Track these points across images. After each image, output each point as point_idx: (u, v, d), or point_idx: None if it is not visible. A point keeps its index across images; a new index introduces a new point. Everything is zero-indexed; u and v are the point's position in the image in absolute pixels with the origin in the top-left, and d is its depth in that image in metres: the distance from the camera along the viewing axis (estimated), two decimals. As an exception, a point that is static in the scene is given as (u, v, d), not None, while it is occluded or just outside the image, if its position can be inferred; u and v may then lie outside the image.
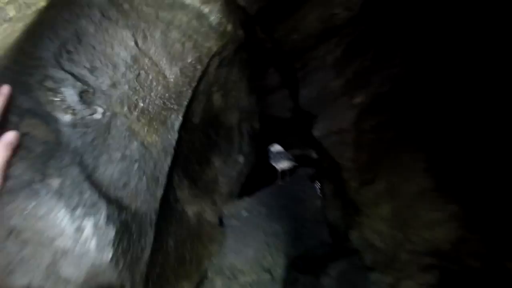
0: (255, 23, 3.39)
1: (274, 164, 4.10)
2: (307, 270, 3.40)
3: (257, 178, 4.47)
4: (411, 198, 2.88)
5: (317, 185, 4.50)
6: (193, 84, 2.23)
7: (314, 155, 4.70)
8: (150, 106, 1.98)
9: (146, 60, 2.00)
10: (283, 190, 4.07)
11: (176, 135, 2.07)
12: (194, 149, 2.51)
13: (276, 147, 4.19)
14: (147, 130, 1.92)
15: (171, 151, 2.04)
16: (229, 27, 2.62)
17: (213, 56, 2.49)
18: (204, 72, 2.39)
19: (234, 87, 3.11)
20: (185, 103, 2.17)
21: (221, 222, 3.62)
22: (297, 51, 3.99)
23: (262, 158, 4.77)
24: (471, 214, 2.68)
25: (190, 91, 2.19)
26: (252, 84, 3.74)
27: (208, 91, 2.64)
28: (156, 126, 1.98)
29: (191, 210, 2.69)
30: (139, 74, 1.98)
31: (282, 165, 4.05)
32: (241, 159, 3.35)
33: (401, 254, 3.09)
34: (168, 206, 2.23)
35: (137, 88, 1.94)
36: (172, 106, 2.08)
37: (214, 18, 2.43)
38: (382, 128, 3.12)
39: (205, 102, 2.56)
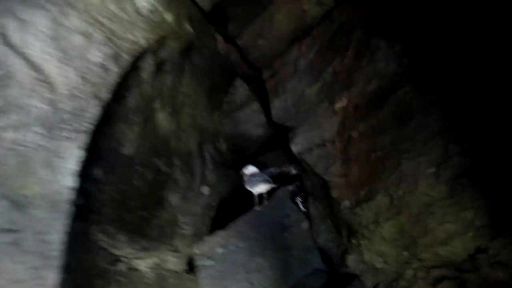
0: (211, 24, 2.87)
1: (249, 189, 3.52)
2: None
3: (230, 207, 3.90)
4: (419, 211, 2.43)
5: (301, 203, 4.03)
6: (104, 96, 1.60)
7: (293, 171, 4.21)
8: (23, 136, 1.32)
9: (19, 61, 1.32)
10: (262, 217, 3.54)
11: (71, 178, 1.42)
12: (131, 191, 1.89)
13: (250, 169, 3.62)
14: (20, 177, 1.29)
15: (65, 207, 1.40)
16: (169, 18, 2.04)
17: (143, 54, 1.90)
18: (130, 79, 1.81)
19: (187, 103, 2.53)
20: (90, 126, 1.52)
21: (191, 267, 3.00)
22: (266, 58, 3.56)
23: (233, 184, 4.27)
24: (490, 220, 2.29)
25: (98, 108, 1.54)
26: (214, 98, 3.19)
27: (146, 109, 2.04)
28: (34, 170, 1.34)
29: (143, 265, 2.07)
30: (3, 84, 1.29)
31: (259, 188, 3.49)
32: (205, 190, 2.76)
33: (406, 271, 2.67)
34: (97, 271, 1.62)
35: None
36: (64, 134, 1.42)
37: (145, 3, 1.82)
38: (375, 132, 2.70)
39: (142, 124, 1.96)
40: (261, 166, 3.99)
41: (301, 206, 3.81)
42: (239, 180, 3.96)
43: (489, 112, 2.32)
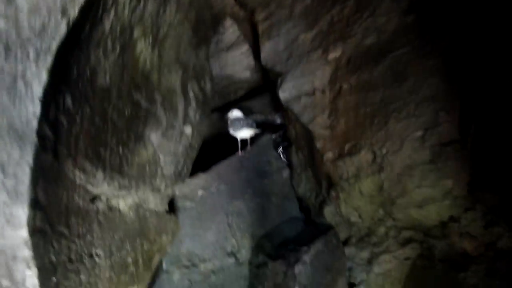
0: None
1: (233, 133, 3.47)
2: (277, 255, 2.96)
3: (213, 151, 3.87)
4: (400, 172, 2.48)
5: (282, 153, 4.05)
6: (73, 13, 1.37)
7: (279, 120, 4.16)
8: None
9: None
10: (244, 163, 3.51)
11: (38, 106, 1.28)
12: (107, 125, 1.78)
13: (235, 113, 3.54)
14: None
15: (32, 138, 1.28)
16: None
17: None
18: None
19: (171, 34, 2.34)
20: (58, 47, 1.33)
21: (171, 208, 3.02)
22: (260, -3, 3.29)
23: (217, 128, 4.18)
24: (467, 191, 2.37)
25: (66, 26, 1.35)
26: (201, 34, 2.98)
27: (124, 36, 1.85)
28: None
29: (123, 204, 2.04)
30: None
31: (243, 133, 3.44)
32: (188, 130, 2.66)
33: (378, 228, 2.78)
34: (74, 209, 1.56)
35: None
36: (28, 56, 1.25)
37: None
38: (366, 87, 2.64)
39: (119, 52, 1.80)
40: (246, 112, 3.92)
41: (282, 157, 3.84)
42: (223, 124, 3.91)
43: (485, 86, 2.30)
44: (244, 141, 3.51)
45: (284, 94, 3.06)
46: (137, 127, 2.07)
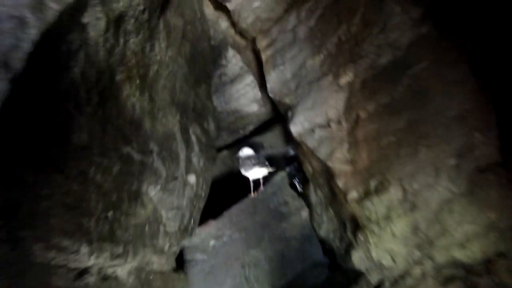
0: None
1: (244, 173, 3.16)
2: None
3: (224, 191, 3.56)
4: (437, 209, 2.11)
5: (298, 184, 3.70)
6: (19, 65, 1.10)
7: (292, 151, 3.84)
8: None
9: None
10: (259, 205, 3.21)
11: None
12: (89, 190, 1.48)
13: (245, 151, 3.24)
14: None
15: None
16: None
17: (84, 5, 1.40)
18: (70, 40, 1.37)
19: (163, 74, 2.08)
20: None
21: (180, 262, 2.70)
22: (262, 24, 3.07)
23: (227, 168, 3.90)
24: None
25: (7, 83, 1.06)
26: (199, 69, 2.74)
27: (102, 82, 1.58)
28: None
29: (121, 271, 1.72)
30: None
31: (254, 172, 3.13)
32: (192, 179, 2.36)
33: (414, 269, 2.42)
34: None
35: None
36: None
37: None
38: (387, 113, 2.31)
39: (97, 102, 1.52)
40: (257, 148, 3.64)
41: (298, 187, 3.54)
42: (234, 162, 3.63)
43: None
44: (257, 181, 3.18)
45: (296, 128, 2.73)
46: (131, 185, 1.77)
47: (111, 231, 1.62)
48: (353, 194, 2.50)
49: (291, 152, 3.99)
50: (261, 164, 3.10)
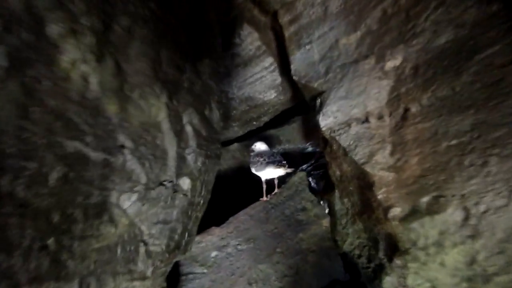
0: None
1: (256, 173, 2.64)
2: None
3: (231, 191, 3.08)
4: (504, 238, 1.77)
5: (314, 182, 3.19)
6: None
7: (310, 148, 3.43)
8: None
9: None
10: (272, 211, 2.77)
11: None
12: (12, 212, 0.95)
13: (258, 146, 2.72)
14: None
15: None
16: None
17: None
18: None
19: (139, 30, 1.45)
20: None
21: (175, 278, 2.25)
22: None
23: (238, 159, 3.40)
24: None
25: None
26: (202, 41, 2.16)
27: (18, 31, 1.00)
28: None
29: None
30: None
31: (268, 172, 2.63)
32: (185, 183, 1.77)
33: None
34: None
35: None
36: None
37: None
38: (447, 109, 1.79)
39: (6, 66, 0.97)
40: (273, 142, 3.13)
41: (313, 184, 3.17)
42: (244, 157, 3.14)
43: None
44: (270, 182, 2.68)
45: (326, 120, 2.20)
46: (88, 196, 1.24)
47: (55, 265, 1.11)
48: (396, 211, 1.97)
49: (309, 148, 3.48)
50: (276, 162, 2.58)
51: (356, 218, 2.51)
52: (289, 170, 2.59)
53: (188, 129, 1.74)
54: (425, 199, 1.89)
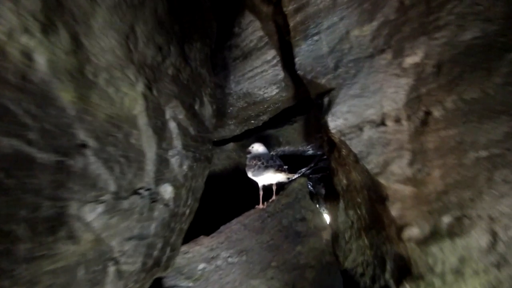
0: None
1: (253, 177, 2.38)
2: None
3: (223, 195, 2.82)
4: None
5: (315, 187, 2.95)
6: None
7: (310, 150, 3.15)
8: None
9: None
10: (268, 221, 2.55)
11: None
12: None
13: (256, 148, 2.46)
14: None
15: None
16: None
17: None
18: None
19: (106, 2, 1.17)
20: None
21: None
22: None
23: (233, 160, 3.13)
24: None
25: None
26: (194, 21, 1.85)
27: None
28: None
29: None
30: None
31: (265, 178, 2.35)
32: (167, 191, 1.45)
33: None
34: None
35: None
36: None
37: None
38: (476, 114, 1.56)
39: None
40: (271, 143, 2.86)
41: (310, 187, 3.01)
42: (240, 158, 2.89)
43: None
44: (268, 188, 2.43)
45: (335, 122, 1.92)
46: (36, 209, 0.96)
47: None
48: (412, 231, 1.70)
49: (309, 151, 3.23)
50: (276, 167, 2.31)
51: (362, 233, 2.25)
52: (290, 176, 2.32)
53: (172, 126, 1.45)
54: (446, 219, 1.61)
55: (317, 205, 2.67)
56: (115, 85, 1.12)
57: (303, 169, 3.49)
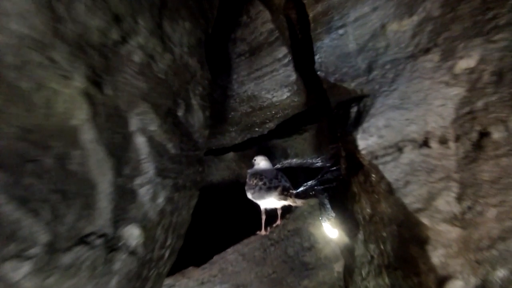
0: None
1: (253, 200, 2.08)
2: None
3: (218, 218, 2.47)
4: None
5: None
6: None
7: (319, 163, 2.88)
8: None
9: None
10: (271, 250, 2.12)
11: None
12: None
13: (259, 162, 2.06)
14: None
15: None
16: None
17: None
18: None
19: None
20: None
21: None
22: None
23: (233, 171, 2.75)
24: None
25: None
26: (188, 5, 1.41)
27: None
28: None
29: None
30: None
31: (269, 202, 2.01)
32: (133, 235, 1.01)
33: None
34: None
35: None
36: None
37: None
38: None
39: None
40: (277, 156, 2.67)
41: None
42: (241, 169, 2.52)
43: None
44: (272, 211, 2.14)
45: (367, 140, 1.52)
46: None
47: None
48: (455, 285, 1.29)
49: (318, 163, 3.00)
50: (281, 190, 1.88)
51: (383, 271, 1.86)
52: (299, 203, 1.89)
53: (140, 142, 1.00)
54: (500, 273, 1.24)
55: (320, 218, 2.28)
56: (32, 77, 0.70)
57: (309, 182, 3.12)
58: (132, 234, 0.99)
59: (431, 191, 1.36)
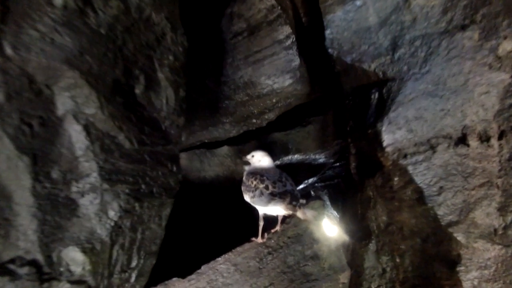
0: None
1: (252, 204, 1.79)
2: None
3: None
4: None
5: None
6: None
7: (322, 159, 2.70)
8: None
9: None
10: (268, 258, 1.89)
11: None
12: None
13: (259, 158, 1.82)
14: None
15: None
16: None
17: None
18: None
19: None
20: None
21: None
22: None
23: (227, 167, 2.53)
24: None
25: None
26: None
27: None
28: None
29: None
30: None
31: (273, 210, 1.74)
32: (75, 260, 0.74)
33: None
34: None
35: None
36: None
37: None
38: None
39: None
40: (277, 151, 2.43)
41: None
42: (236, 166, 2.50)
43: None
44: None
45: (394, 134, 1.27)
46: None
47: None
48: None
49: (321, 159, 2.77)
50: (289, 198, 1.61)
51: (397, 287, 1.61)
52: (309, 217, 1.63)
53: (73, 131, 0.71)
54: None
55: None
56: None
57: (310, 179, 2.92)
58: (74, 258, 0.72)
59: (468, 200, 1.11)
